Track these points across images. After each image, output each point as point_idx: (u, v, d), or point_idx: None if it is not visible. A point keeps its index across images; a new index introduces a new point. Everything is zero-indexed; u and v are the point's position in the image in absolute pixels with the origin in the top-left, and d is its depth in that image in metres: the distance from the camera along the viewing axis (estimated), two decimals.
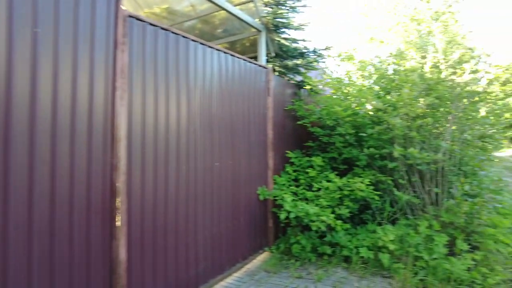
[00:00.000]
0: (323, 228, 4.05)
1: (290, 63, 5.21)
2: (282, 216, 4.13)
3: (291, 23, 4.77)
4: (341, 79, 5.07)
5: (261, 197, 4.44)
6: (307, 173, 4.95)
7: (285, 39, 4.98)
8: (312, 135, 5.51)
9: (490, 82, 4.75)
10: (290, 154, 5.08)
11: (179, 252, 3.21)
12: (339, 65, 5.03)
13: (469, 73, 4.45)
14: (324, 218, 4.00)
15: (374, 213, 4.65)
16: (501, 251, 3.90)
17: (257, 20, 4.78)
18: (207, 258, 3.58)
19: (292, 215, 4.10)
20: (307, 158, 5.09)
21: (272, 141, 4.79)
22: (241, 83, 4.15)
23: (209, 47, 3.59)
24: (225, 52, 3.84)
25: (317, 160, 4.86)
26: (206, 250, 3.56)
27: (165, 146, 3.04)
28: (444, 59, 4.37)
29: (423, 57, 4.57)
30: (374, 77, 5.61)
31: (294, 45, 5.58)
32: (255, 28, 4.76)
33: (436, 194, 4.55)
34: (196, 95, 3.42)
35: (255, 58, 5.31)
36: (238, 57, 4.07)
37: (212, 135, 3.65)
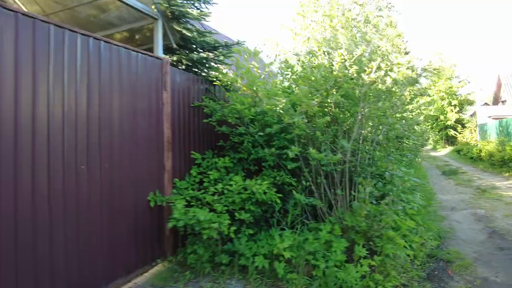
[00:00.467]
0: (215, 236, 3.68)
1: (196, 56, 4.79)
2: (170, 225, 3.69)
3: (189, 12, 4.35)
4: (252, 75, 4.73)
5: (152, 204, 3.98)
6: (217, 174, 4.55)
7: (188, 29, 4.55)
8: (226, 134, 5.14)
9: (395, 82, 4.65)
10: (195, 154, 4.66)
11: (22, 276, 2.66)
12: (246, 61, 4.69)
13: (375, 71, 4.31)
14: (215, 225, 3.62)
15: (279, 217, 4.36)
16: (399, 255, 3.75)
17: (153, 7, 4.32)
18: (72, 277, 3.05)
19: (181, 224, 3.68)
20: (216, 159, 4.70)
21: (171, 141, 4.34)
22: (123, 75, 3.65)
23: (71, 30, 3.07)
24: (96, 38, 3.33)
25: (221, 161, 4.49)
26: (69, 268, 3.03)
27: None
28: (348, 55, 4.17)
29: (326, 53, 4.36)
30: (290, 75, 5.38)
31: (206, 37, 5.18)
32: (150, 16, 4.29)
33: (343, 196, 4.37)
34: (51, 87, 2.89)
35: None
36: (117, 45, 3.58)
37: (76, 134, 3.12)
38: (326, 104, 4.68)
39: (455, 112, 35.50)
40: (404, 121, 5.88)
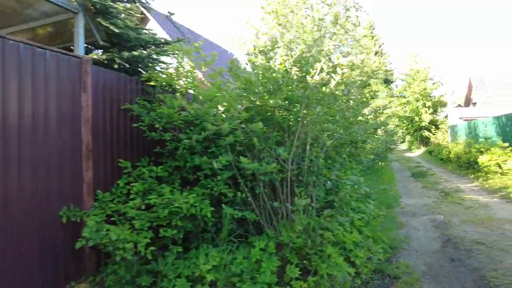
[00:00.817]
0: (129, 257, 3.27)
1: (127, 54, 4.36)
2: (78, 245, 3.27)
3: (113, 6, 3.91)
4: (189, 75, 4.34)
5: (64, 220, 3.53)
6: (144, 186, 4.13)
7: (115, 25, 4.11)
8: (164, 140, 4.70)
9: (345, 84, 4.36)
10: (123, 163, 4.22)
11: None
12: (182, 59, 4.30)
13: (319, 73, 3.99)
14: (128, 245, 3.21)
15: (213, 232, 3.99)
16: (336, 275, 3.43)
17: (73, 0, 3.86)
18: None
19: (91, 243, 3.26)
20: (144, 169, 4.27)
21: (93, 148, 3.90)
22: (23, 74, 3.19)
23: None
24: None
25: (148, 171, 4.08)
26: None
27: None
28: (287, 55, 3.84)
29: (262, 52, 4.02)
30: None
31: (142, 35, 4.76)
32: (67, 9, 3.83)
33: (281, 208, 4.04)
34: None
35: (86, 45, 4.39)
36: (15, 41, 3.12)
37: None
38: (269, 108, 4.34)
39: (429, 114, 36.10)
40: (358, 125, 5.63)
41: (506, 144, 12.30)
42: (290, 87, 4.04)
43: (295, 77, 3.92)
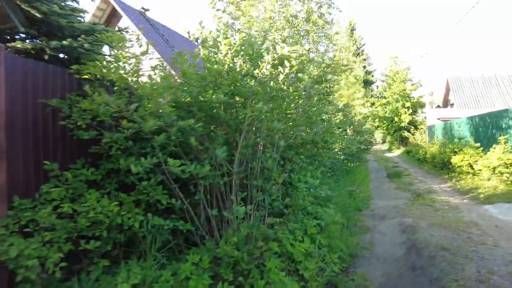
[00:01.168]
0: (33, 277, 2.81)
1: (54, 43, 3.88)
2: None
3: None
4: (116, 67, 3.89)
5: None
6: (68, 191, 3.67)
7: (37, 9, 3.62)
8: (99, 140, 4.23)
9: (299, 80, 3.99)
10: (49, 165, 3.73)
11: None
12: (118, 50, 3.85)
13: (266, 66, 3.61)
14: (31, 262, 2.75)
15: (144, 245, 3.56)
16: None
17: None
18: None
19: None
20: (78, 171, 3.80)
21: (9, 148, 3.40)
22: None
23: None
24: None
25: (71, 174, 3.61)
26: None
27: None
28: (227, 44, 3.44)
29: (197, 40, 3.60)
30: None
31: (79, 23, 4.28)
32: None
33: (223, 217, 3.64)
34: None
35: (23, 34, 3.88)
36: None
37: None
38: (214, 105, 3.94)
39: (409, 114, 36.44)
40: (321, 125, 5.29)
41: (478, 144, 12.24)
42: (228, 81, 3.64)
43: (238, 69, 3.52)
